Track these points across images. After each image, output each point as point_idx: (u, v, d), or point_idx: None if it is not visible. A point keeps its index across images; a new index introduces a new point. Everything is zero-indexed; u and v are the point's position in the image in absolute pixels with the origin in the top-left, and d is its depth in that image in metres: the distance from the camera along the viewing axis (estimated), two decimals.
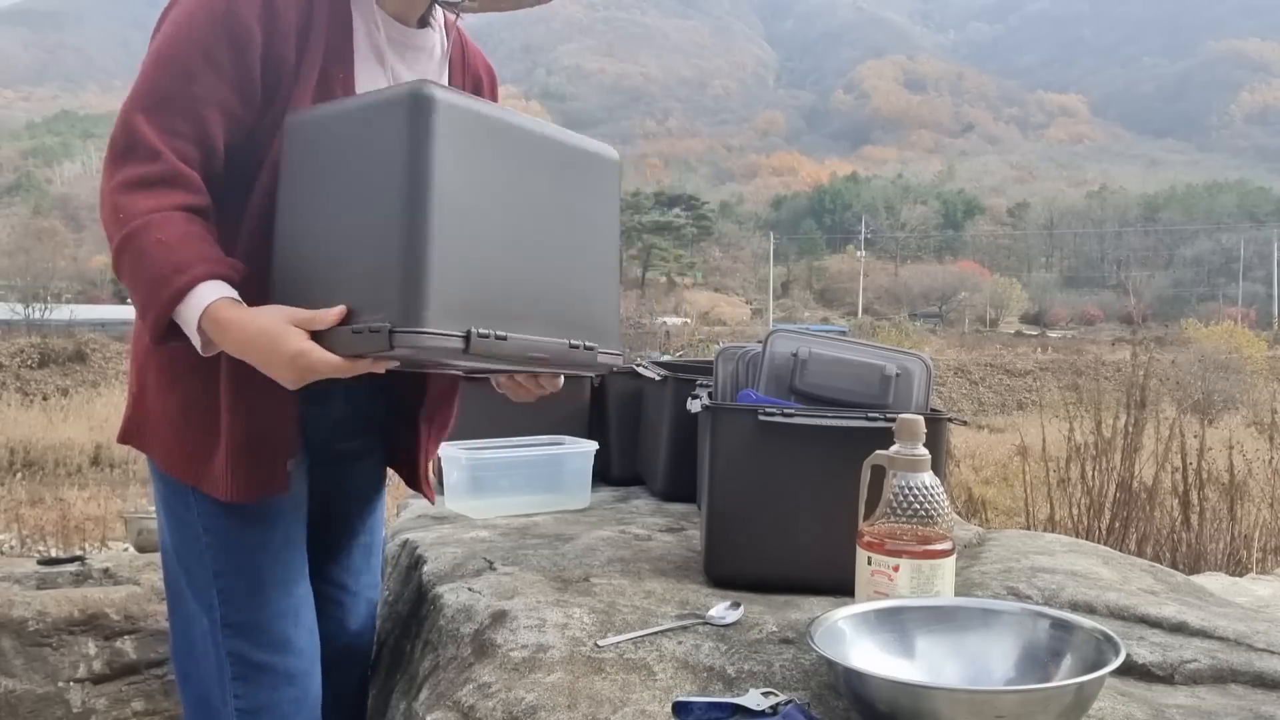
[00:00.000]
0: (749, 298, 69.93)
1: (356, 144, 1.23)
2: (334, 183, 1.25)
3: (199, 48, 1.28)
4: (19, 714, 2.51)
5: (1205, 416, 9.23)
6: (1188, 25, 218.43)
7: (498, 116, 1.28)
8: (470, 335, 1.20)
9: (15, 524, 8.37)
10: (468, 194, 1.22)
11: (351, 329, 1.19)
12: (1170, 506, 4.41)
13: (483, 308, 1.22)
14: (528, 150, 1.30)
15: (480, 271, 1.23)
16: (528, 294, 1.29)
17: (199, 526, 1.42)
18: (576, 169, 1.37)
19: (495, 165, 1.26)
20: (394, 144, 1.18)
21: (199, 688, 1.48)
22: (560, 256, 1.35)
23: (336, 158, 1.25)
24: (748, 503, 1.54)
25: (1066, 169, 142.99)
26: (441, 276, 1.17)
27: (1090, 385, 6.25)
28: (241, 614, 1.43)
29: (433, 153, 1.17)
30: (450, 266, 1.18)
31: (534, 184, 1.31)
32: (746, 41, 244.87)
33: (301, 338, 1.20)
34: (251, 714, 1.43)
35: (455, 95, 1.22)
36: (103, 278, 50.55)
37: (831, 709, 1.16)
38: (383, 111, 1.21)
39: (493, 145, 1.26)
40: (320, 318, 1.20)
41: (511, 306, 1.27)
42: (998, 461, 11.23)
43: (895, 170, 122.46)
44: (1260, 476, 4.88)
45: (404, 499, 2.41)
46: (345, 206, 1.23)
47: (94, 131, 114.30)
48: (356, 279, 1.21)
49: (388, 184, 1.19)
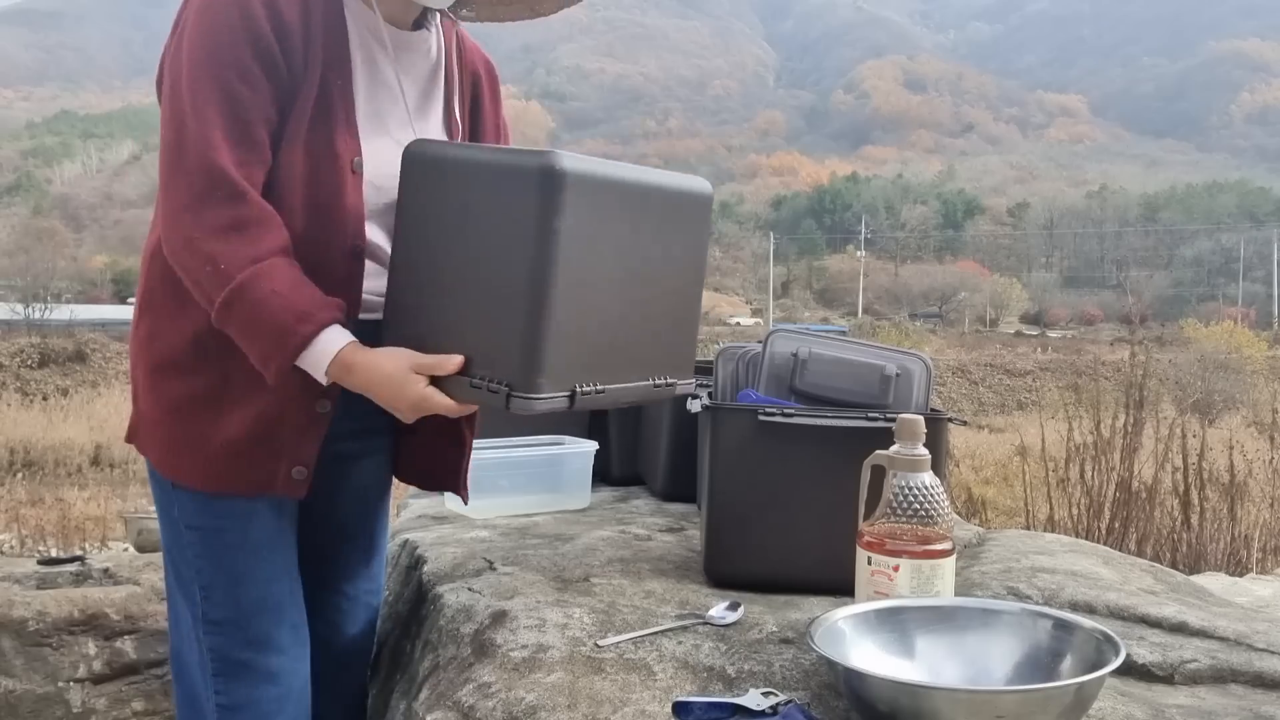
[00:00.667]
0: (749, 298, 69.91)
1: (484, 199, 1.26)
2: (458, 229, 1.28)
3: (233, 68, 1.29)
4: (19, 714, 2.51)
5: (1205, 416, 9.24)
6: (1188, 25, 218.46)
7: (615, 177, 1.31)
8: (575, 394, 1.28)
9: (15, 524, 8.38)
10: (585, 261, 1.27)
11: (471, 381, 1.27)
12: (1170, 506, 4.41)
13: (584, 365, 1.30)
14: (637, 204, 1.35)
15: (586, 334, 1.30)
16: (624, 344, 1.37)
17: (181, 524, 1.43)
18: (676, 212, 1.42)
19: (610, 227, 1.31)
20: (523, 214, 1.22)
21: (189, 684, 1.49)
22: (656, 302, 1.41)
23: (461, 206, 1.28)
24: (748, 503, 1.54)
25: (1066, 169, 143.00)
26: (554, 346, 1.24)
27: (1090, 385, 6.26)
28: (221, 610, 1.43)
29: (560, 229, 1.21)
30: (562, 335, 1.25)
31: (640, 237, 1.36)
32: (746, 41, 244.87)
33: (424, 383, 1.28)
34: (231, 710, 1.44)
35: (581, 163, 1.25)
36: (102, 278, 50.59)
37: (831, 709, 1.16)
38: (513, 176, 1.24)
39: (608, 206, 1.30)
40: (442, 366, 1.28)
41: (609, 359, 1.34)
42: (998, 461, 11.23)
43: (895, 170, 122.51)
44: (1260, 476, 4.88)
45: (404, 499, 2.41)
46: (468, 257, 1.28)
47: (94, 131, 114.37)
48: (475, 331, 1.27)
49: (514, 251, 1.23)
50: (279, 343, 1.27)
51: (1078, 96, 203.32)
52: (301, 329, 1.27)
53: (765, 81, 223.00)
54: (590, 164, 1.27)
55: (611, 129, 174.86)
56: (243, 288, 1.26)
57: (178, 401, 1.38)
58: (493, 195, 1.25)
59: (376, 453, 1.62)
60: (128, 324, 1.57)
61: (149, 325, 1.41)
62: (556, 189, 1.20)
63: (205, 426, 1.37)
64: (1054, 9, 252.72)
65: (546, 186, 1.21)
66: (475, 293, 1.27)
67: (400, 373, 1.28)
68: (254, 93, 1.30)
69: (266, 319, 1.27)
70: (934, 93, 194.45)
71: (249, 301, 1.26)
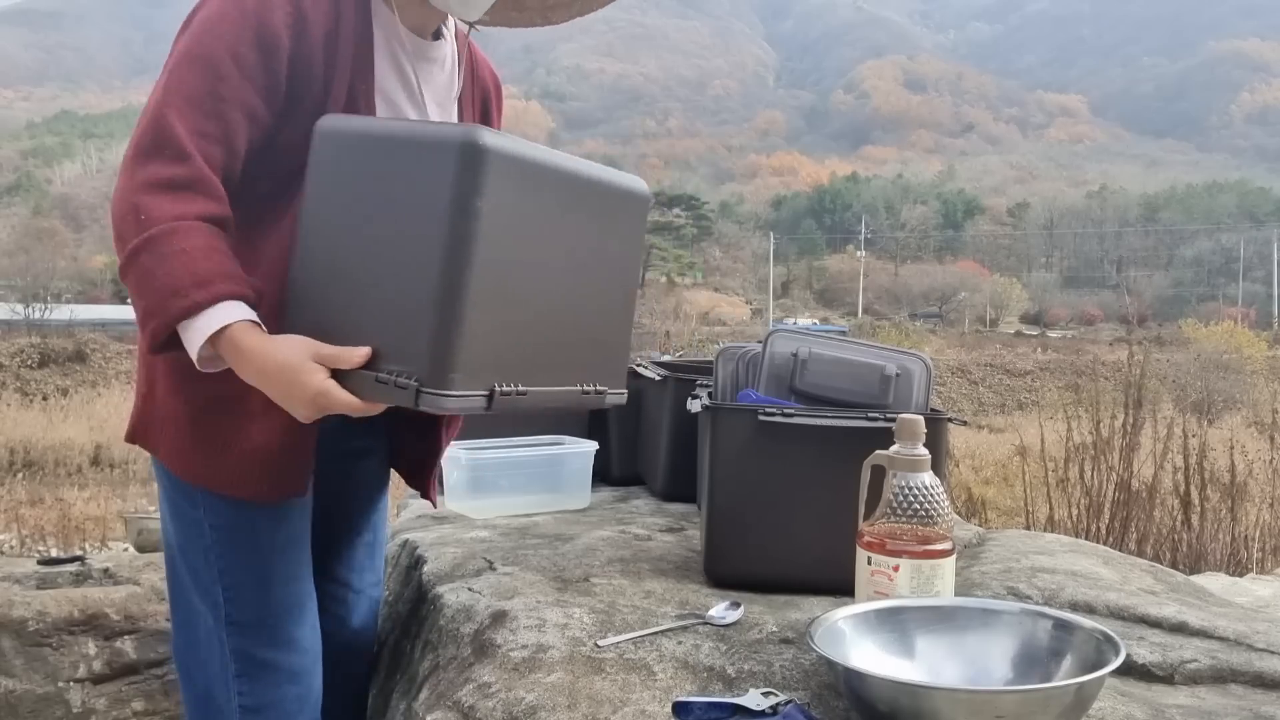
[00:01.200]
0: (749, 298, 69.91)
1: (398, 175, 1.17)
2: (368, 209, 1.19)
3: (228, 49, 1.27)
4: (19, 714, 2.51)
5: (1205, 416, 9.24)
6: (1188, 25, 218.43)
7: (543, 161, 1.23)
8: (493, 394, 1.18)
9: (15, 524, 8.38)
10: (506, 248, 1.17)
11: (376, 377, 1.16)
12: (1170, 506, 4.41)
13: (506, 363, 1.20)
14: (567, 194, 1.26)
15: (508, 329, 1.20)
16: (549, 345, 1.27)
17: (205, 524, 1.42)
18: (610, 209, 1.34)
19: (536, 213, 1.22)
20: (440, 190, 1.13)
21: (202, 685, 1.48)
22: (585, 303, 1.32)
23: (373, 182, 1.19)
24: (748, 503, 1.54)
25: (1066, 169, 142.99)
26: (472, 338, 1.14)
27: (1090, 385, 6.26)
28: (247, 612, 1.43)
29: (479, 208, 1.12)
30: (481, 328, 1.15)
31: (570, 230, 1.28)
32: (746, 41, 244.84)
33: (324, 376, 1.17)
34: (255, 711, 1.44)
35: (505, 141, 1.16)
36: (103, 278, 50.56)
37: (831, 709, 1.16)
38: (431, 151, 1.15)
39: (535, 192, 1.21)
40: (344, 357, 1.17)
41: (533, 359, 1.25)
42: (998, 461, 11.24)
43: (895, 170, 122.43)
44: (1260, 476, 4.88)
45: (404, 499, 2.41)
46: (377, 238, 1.18)
47: (94, 131, 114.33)
48: (383, 320, 1.17)
49: (428, 230, 1.13)
50: (165, 302, 1.19)
51: (1078, 96, 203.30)
52: (194, 294, 1.18)
53: (765, 81, 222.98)
54: (519, 145, 1.18)
55: (611, 129, 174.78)
56: (153, 240, 1.19)
57: (207, 404, 1.35)
58: (409, 171, 1.16)
59: (379, 449, 1.64)
60: (128, 324, 1.57)
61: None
62: (478, 165, 1.12)
63: (235, 431, 1.34)
64: (1054, 9, 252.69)
65: (467, 162, 1.11)
66: (385, 279, 1.17)
67: (297, 361, 1.17)
68: (241, 77, 1.27)
69: (162, 274, 1.19)
70: (934, 93, 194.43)
71: (154, 254, 1.19)
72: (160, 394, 1.40)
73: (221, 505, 1.40)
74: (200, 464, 1.38)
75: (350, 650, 1.68)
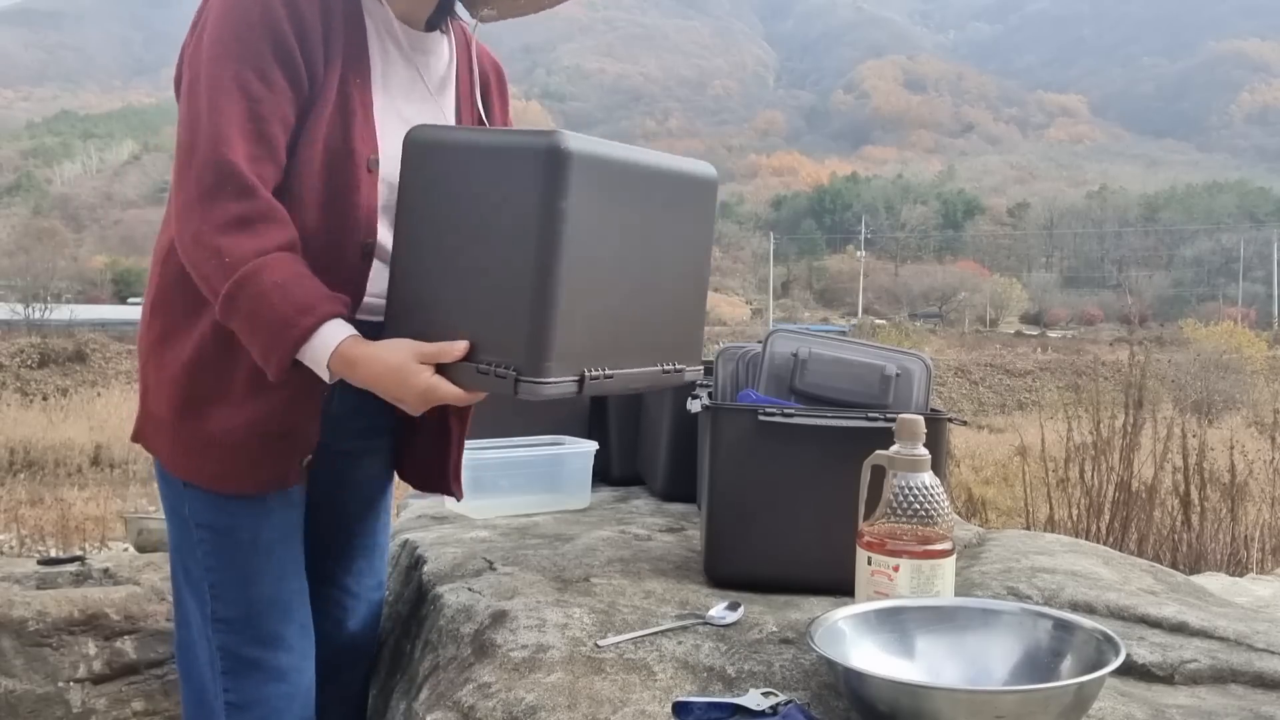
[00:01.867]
0: (749, 298, 69.90)
1: (487, 182, 1.25)
2: (461, 215, 1.26)
3: (253, 68, 1.29)
4: (19, 714, 2.51)
5: (1205, 416, 9.24)
6: (1188, 25, 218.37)
7: (620, 158, 1.30)
8: (584, 379, 1.26)
9: (15, 524, 8.38)
10: (591, 244, 1.25)
11: (477, 368, 1.24)
12: (1170, 506, 4.41)
13: (593, 350, 1.28)
14: (643, 187, 1.34)
15: (594, 317, 1.28)
16: (632, 328, 1.35)
17: (191, 521, 1.44)
18: (683, 196, 1.41)
19: (616, 209, 1.29)
20: (527, 194, 1.20)
21: (196, 683, 1.49)
22: (662, 287, 1.40)
23: (466, 191, 1.26)
24: (748, 503, 1.54)
25: (1066, 169, 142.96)
26: (563, 329, 1.22)
27: (1090, 385, 6.26)
28: (231, 609, 1.44)
29: (565, 209, 1.20)
30: (570, 318, 1.23)
31: (647, 221, 1.35)
32: (746, 41, 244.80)
33: (429, 373, 1.25)
34: (240, 708, 1.44)
35: (586, 144, 1.23)
36: (103, 278, 50.57)
37: (831, 709, 1.16)
38: (517, 157, 1.22)
39: (614, 188, 1.28)
40: (446, 352, 1.25)
41: (617, 343, 1.33)
42: (998, 461, 11.23)
43: (895, 170, 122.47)
44: (1261, 476, 4.88)
45: (404, 499, 2.41)
46: (472, 242, 1.26)
47: (94, 131, 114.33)
48: (479, 316, 1.25)
49: (518, 233, 1.21)
50: (279, 336, 1.26)
51: (1078, 96, 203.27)
52: (302, 321, 1.26)
53: (765, 81, 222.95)
54: (596, 144, 1.26)
55: (611, 129, 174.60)
56: (245, 280, 1.25)
57: (189, 401, 1.38)
58: (497, 177, 1.24)
59: (379, 450, 1.63)
60: (128, 324, 1.58)
61: (161, 325, 1.41)
62: (562, 169, 1.19)
63: (216, 425, 1.37)
64: (1054, 9, 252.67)
65: (552, 166, 1.19)
66: (479, 278, 1.25)
67: (404, 363, 1.26)
68: (271, 93, 1.30)
69: (267, 311, 1.26)
70: (934, 93, 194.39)
71: (251, 294, 1.25)
72: (152, 393, 1.43)
73: (205, 502, 1.42)
74: (184, 460, 1.41)
75: (348, 654, 1.67)
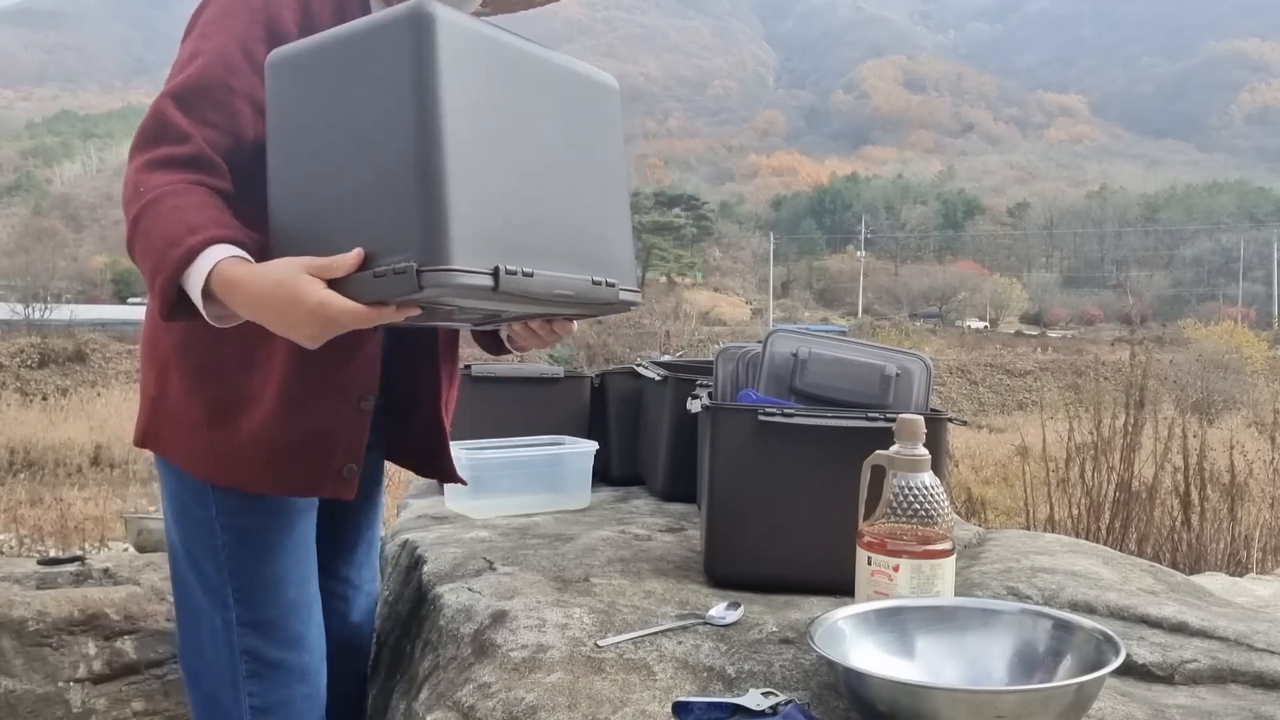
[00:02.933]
0: (749, 298, 69.90)
1: (353, 75, 1.15)
2: (332, 121, 1.17)
3: (237, 42, 1.28)
4: (19, 714, 2.51)
5: (1205, 416, 9.24)
6: (1188, 25, 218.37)
7: (503, 39, 1.20)
8: (499, 272, 1.12)
9: (15, 524, 8.38)
10: (479, 122, 1.13)
11: (373, 272, 1.11)
12: (1170, 506, 4.41)
13: (504, 245, 1.15)
14: (534, 75, 1.23)
15: (498, 205, 1.15)
16: (547, 229, 1.22)
17: (216, 524, 1.41)
18: (582, 97, 1.31)
19: (503, 91, 1.18)
20: (397, 69, 1.10)
21: (208, 686, 1.48)
22: (574, 189, 1.28)
23: (331, 93, 1.17)
24: (748, 503, 1.54)
25: (1066, 169, 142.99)
26: (462, 209, 1.09)
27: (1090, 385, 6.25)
28: (257, 612, 1.43)
29: (440, 74, 1.09)
30: (469, 200, 1.11)
31: (542, 111, 1.24)
32: (746, 41, 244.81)
33: (320, 287, 1.12)
34: (265, 712, 1.44)
35: (458, 14, 1.14)
36: (103, 278, 50.57)
37: (831, 709, 1.16)
38: (381, 35, 1.13)
39: (499, 69, 1.18)
40: (338, 263, 1.12)
41: (532, 243, 1.19)
42: (998, 461, 11.24)
43: (895, 170, 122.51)
44: (1261, 476, 4.88)
45: (404, 499, 2.41)
46: (349, 145, 1.15)
47: (94, 131, 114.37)
48: (370, 222, 1.13)
49: (394, 114, 1.11)
50: (164, 255, 1.17)
51: (1078, 96, 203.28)
52: (188, 240, 1.16)
53: (765, 81, 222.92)
54: (470, 20, 1.17)
55: None
56: (150, 203, 1.19)
57: (221, 404, 1.35)
58: (364, 64, 1.14)
59: (376, 444, 1.63)
60: (128, 324, 1.57)
61: (185, 326, 1.34)
62: (428, 32, 1.09)
63: (254, 427, 1.35)
64: (1054, 9, 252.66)
65: (417, 31, 1.09)
66: (364, 177, 1.13)
67: (291, 276, 1.12)
68: (251, 70, 1.27)
69: (158, 232, 1.18)
70: (934, 93, 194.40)
71: (151, 216, 1.19)
72: (173, 396, 1.40)
73: (236, 506, 1.40)
74: (212, 464, 1.38)
75: (350, 646, 1.69)
